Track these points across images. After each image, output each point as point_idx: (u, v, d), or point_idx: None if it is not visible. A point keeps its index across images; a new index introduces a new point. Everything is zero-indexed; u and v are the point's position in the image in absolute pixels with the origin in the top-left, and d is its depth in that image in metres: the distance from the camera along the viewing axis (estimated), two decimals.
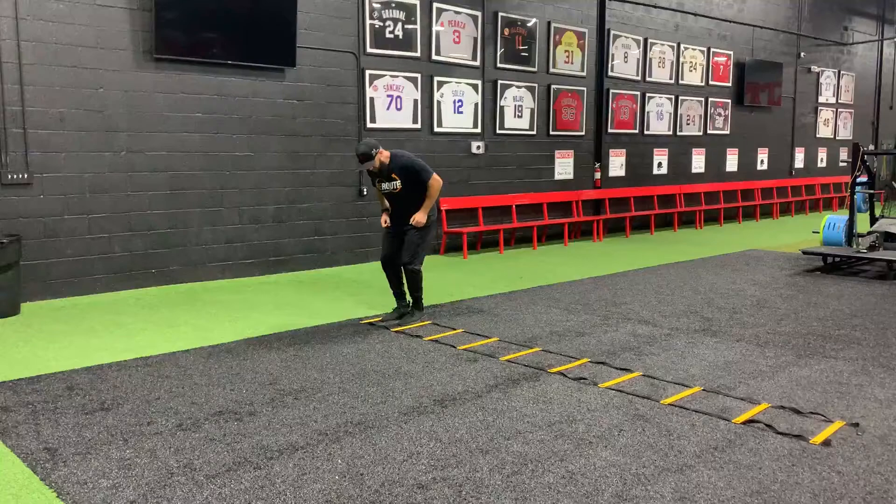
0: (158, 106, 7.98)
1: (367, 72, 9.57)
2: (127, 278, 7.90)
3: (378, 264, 7.56)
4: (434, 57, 10.26)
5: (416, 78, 10.09)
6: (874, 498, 3.20)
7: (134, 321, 6.51)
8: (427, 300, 7.32)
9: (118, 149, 7.76)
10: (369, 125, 9.65)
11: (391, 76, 9.83)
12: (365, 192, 9.69)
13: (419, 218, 6.27)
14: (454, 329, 6.14)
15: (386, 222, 6.42)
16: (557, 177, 12.21)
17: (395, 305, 6.61)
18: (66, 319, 6.58)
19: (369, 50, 9.56)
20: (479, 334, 5.98)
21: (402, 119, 10.01)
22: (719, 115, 15.11)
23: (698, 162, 14.84)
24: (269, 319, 6.55)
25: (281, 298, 7.53)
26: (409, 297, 6.59)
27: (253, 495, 3.20)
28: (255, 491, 3.24)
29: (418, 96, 10.14)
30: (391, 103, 9.88)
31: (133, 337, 5.96)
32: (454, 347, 5.59)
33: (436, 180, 6.35)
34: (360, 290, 7.95)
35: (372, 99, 9.67)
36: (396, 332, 6.07)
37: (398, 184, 6.28)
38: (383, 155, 6.22)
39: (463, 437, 3.85)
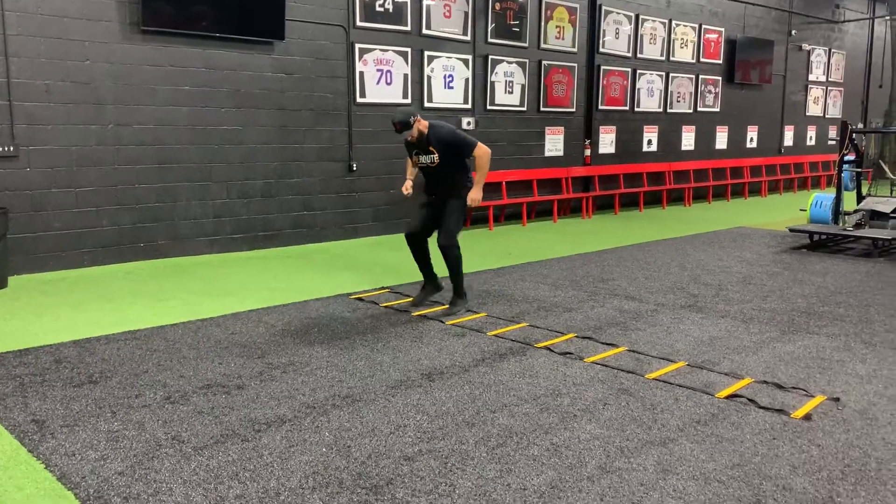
0: (146, 78, 7.91)
1: (357, 45, 9.50)
2: (115, 252, 7.88)
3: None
4: (424, 31, 10.18)
5: (407, 52, 10.03)
6: (852, 471, 3.26)
7: (122, 295, 6.50)
8: (417, 276, 7.33)
9: (105, 122, 7.70)
10: (359, 100, 9.60)
11: (381, 50, 9.76)
12: (354, 168, 9.66)
13: (474, 195, 5.74)
14: (443, 305, 6.16)
15: (408, 190, 5.88)
16: (548, 153, 12.20)
17: (424, 285, 6.14)
18: (54, 293, 6.57)
19: (359, 23, 9.48)
20: (467, 309, 6.01)
21: (392, 94, 9.96)
22: (710, 92, 15.10)
23: (688, 139, 14.85)
24: (257, 294, 6.55)
25: (269, 273, 7.54)
26: (438, 279, 6.13)
27: (240, 467, 3.24)
28: (242, 463, 3.27)
29: (408, 71, 10.08)
30: (381, 78, 9.82)
31: (121, 311, 5.95)
32: (442, 322, 5.62)
33: (483, 150, 5.73)
34: (349, 266, 7.96)
35: (362, 73, 9.61)
36: (385, 307, 6.09)
37: (435, 157, 5.73)
38: (421, 124, 5.68)
39: (449, 410, 3.89)
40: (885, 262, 8.24)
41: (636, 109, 13.58)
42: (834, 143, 10.32)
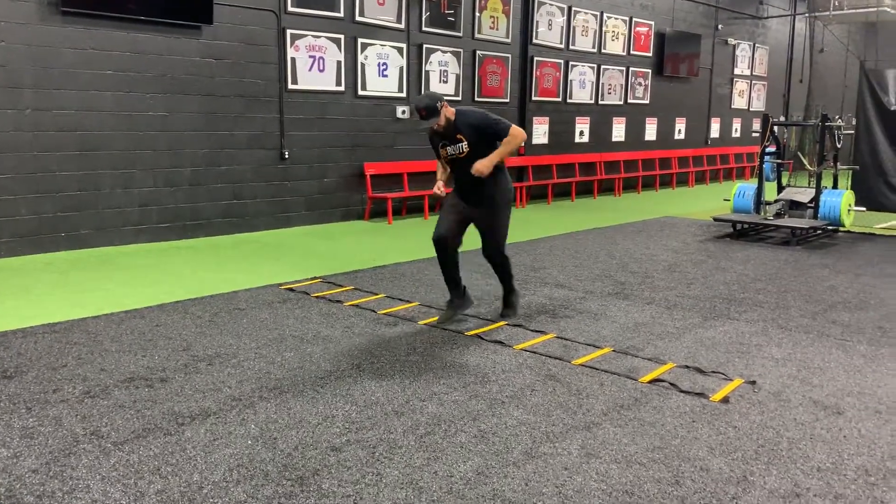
0: (67, 62, 7.60)
1: (289, 31, 9.34)
2: (35, 242, 7.57)
3: None
4: (358, 18, 10.08)
5: (340, 39, 9.92)
6: (765, 450, 3.40)
7: (41, 286, 6.27)
8: (349, 266, 7.30)
9: (22, 107, 7.38)
10: (290, 86, 9.45)
11: (313, 36, 9.63)
12: (286, 156, 9.52)
13: (480, 166, 4.94)
14: (376, 294, 6.15)
15: (441, 190, 5.24)
16: None
17: (449, 298, 5.47)
18: None
19: (290, 9, 9.32)
20: (400, 299, 6.01)
21: (325, 81, 9.84)
22: (640, 84, 15.42)
23: (619, 131, 15.15)
24: (184, 284, 6.41)
25: (198, 263, 7.37)
26: (468, 292, 5.56)
27: (162, 461, 3.17)
28: (164, 457, 3.20)
29: (342, 58, 9.97)
30: (313, 64, 9.69)
31: (40, 303, 5.74)
32: (374, 312, 5.61)
33: (518, 130, 5.00)
34: (281, 256, 7.86)
35: (293, 59, 9.46)
36: (316, 297, 6.03)
37: (464, 146, 5.06)
38: (448, 111, 5.01)
39: (379, 399, 3.89)
40: (803, 250, 8.60)
41: (568, 101, 13.78)
42: (757, 135, 10.70)
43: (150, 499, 2.86)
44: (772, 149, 10.18)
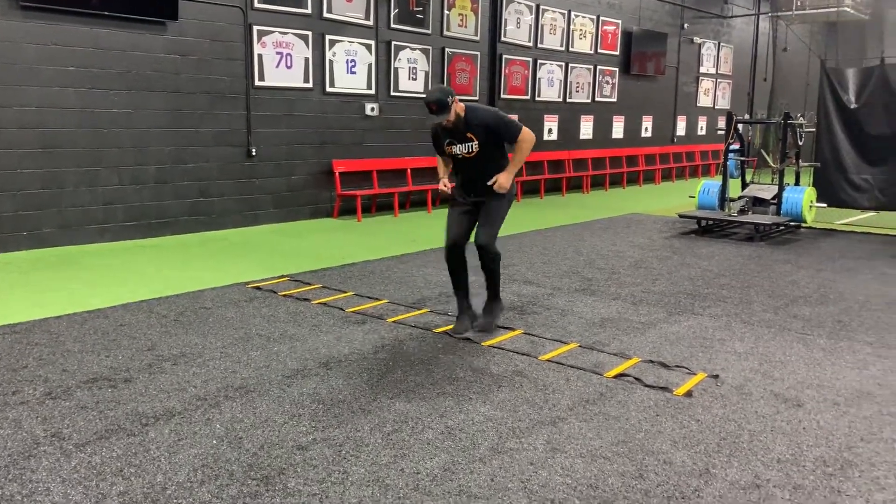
0: (28, 58, 7.46)
1: (255, 28, 9.26)
2: None
3: None
4: (325, 14, 10.03)
5: (307, 35, 9.86)
6: (727, 443, 3.46)
7: (1, 286, 6.14)
8: (318, 264, 7.27)
9: None
10: (257, 83, 9.38)
11: (280, 33, 9.56)
12: (254, 153, 9.44)
13: (503, 180, 4.80)
14: (344, 292, 6.14)
15: (446, 186, 5.00)
16: None
17: (461, 311, 5.15)
18: None
19: (257, 5, 9.24)
20: (369, 297, 6.00)
21: (292, 78, 9.78)
22: (607, 82, 15.55)
23: (586, 128, 15.27)
24: (149, 284, 6.33)
25: (163, 262, 7.29)
26: (472, 297, 5.24)
27: (125, 462, 3.13)
28: (127, 458, 3.17)
29: (309, 55, 9.92)
30: (281, 61, 9.62)
31: (0, 303, 5.63)
32: (342, 310, 5.59)
33: (529, 135, 4.86)
34: (248, 254, 7.80)
35: (260, 56, 9.38)
36: (284, 295, 6.00)
37: (474, 145, 4.82)
38: (458, 107, 4.75)
39: (346, 398, 3.88)
40: (766, 246, 8.75)
41: (537, 98, 13.85)
42: (722, 132, 10.85)
43: (112, 500, 2.83)
44: (736, 146, 10.34)
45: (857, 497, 2.97)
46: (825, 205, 10.09)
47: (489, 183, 4.84)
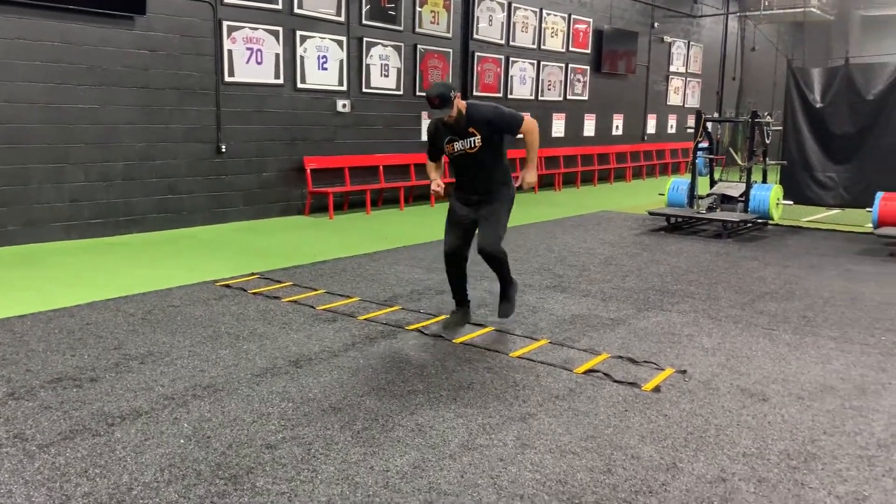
0: None
1: (225, 23, 9.17)
2: None
3: None
4: (296, 10, 9.96)
5: (278, 31, 9.78)
6: (694, 437, 3.50)
7: None
8: (289, 261, 7.23)
9: None
10: (227, 79, 9.28)
11: (251, 28, 9.47)
12: (223, 150, 9.35)
13: (529, 178, 4.85)
14: (315, 290, 6.11)
15: (440, 186, 4.85)
16: (425, 138, 12.20)
17: (459, 307, 5.19)
18: None
19: (227, 0, 9.15)
20: (340, 294, 5.98)
21: (263, 74, 9.70)
22: (578, 80, 15.64)
23: (558, 126, 15.34)
24: (117, 282, 6.24)
25: (131, 260, 7.19)
26: (469, 298, 5.28)
27: (90, 463, 3.09)
28: (92, 458, 3.12)
29: (280, 50, 9.84)
30: (251, 57, 9.54)
31: None
32: (313, 308, 5.56)
33: (531, 123, 4.81)
34: (217, 251, 7.72)
35: (230, 51, 9.29)
36: (254, 293, 5.95)
37: (477, 140, 4.73)
38: (460, 103, 4.69)
39: (316, 396, 3.87)
40: (734, 243, 8.87)
41: (509, 96, 13.88)
42: (691, 131, 10.97)
43: (76, 501, 2.79)
44: (704, 144, 10.46)
45: (820, 489, 3.03)
46: (792, 202, 10.25)
47: (516, 185, 4.85)
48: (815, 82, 10.35)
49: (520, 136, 4.89)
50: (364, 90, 11.08)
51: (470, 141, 4.76)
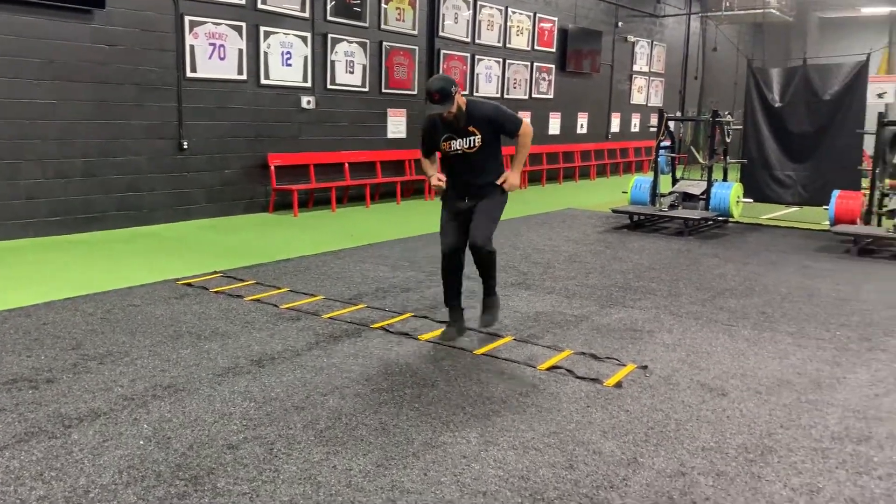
0: None
1: (187, 18, 9.04)
2: None
3: None
4: (260, 6, 9.86)
5: (241, 27, 9.67)
6: (654, 432, 3.55)
7: None
8: (252, 259, 7.16)
9: None
10: (189, 74, 9.15)
11: (213, 23, 9.35)
12: (185, 146, 9.22)
13: (513, 179, 4.72)
14: (279, 288, 6.06)
15: (441, 181, 4.75)
16: (391, 135, 12.23)
17: (453, 316, 4.94)
18: None
19: None
20: (304, 293, 5.94)
21: (225, 69, 9.58)
22: (544, 79, 15.73)
23: None
24: (75, 281, 6.12)
25: (91, 258, 7.06)
26: (463, 301, 5.06)
27: (46, 466, 3.02)
28: (48, 461, 3.06)
29: (243, 46, 9.73)
30: (214, 52, 9.41)
31: None
32: (276, 307, 5.52)
33: (528, 127, 4.69)
34: (179, 250, 7.61)
35: (192, 46, 9.16)
36: (216, 292, 5.88)
37: (476, 139, 4.58)
38: (461, 99, 4.54)
39: (279, 395, 3.84)
40: (695, 240, 9.00)
41: (475, 94, 13.90)
42: (654, 129, 11.12)
43: None
44: (667, 143, 10.60)
45: (776, 482, 3.09)
46: (751, 200, 10.44)
47: (499, 182, 4.67)
48: (775, 82, 10.55)
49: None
50: (329, 87, 11.01)
51: (469, 140, 4.59)
